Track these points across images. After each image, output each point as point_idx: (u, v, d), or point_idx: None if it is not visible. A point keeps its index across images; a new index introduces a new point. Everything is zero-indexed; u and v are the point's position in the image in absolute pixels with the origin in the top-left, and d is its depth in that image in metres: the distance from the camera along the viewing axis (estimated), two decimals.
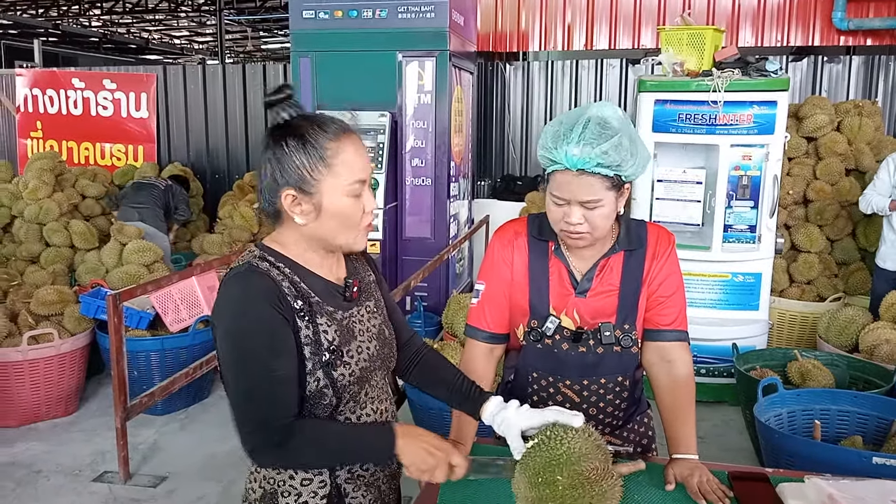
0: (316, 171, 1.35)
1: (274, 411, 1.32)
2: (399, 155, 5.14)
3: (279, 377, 1.32)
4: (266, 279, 1.35)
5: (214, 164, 7.22)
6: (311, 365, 1.36)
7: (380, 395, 1.51)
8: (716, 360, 4.25)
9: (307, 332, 1.36)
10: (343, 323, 1.42)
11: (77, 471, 3.61)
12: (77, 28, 16.72)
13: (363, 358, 1.44)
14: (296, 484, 1.41)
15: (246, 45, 21.18)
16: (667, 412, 1.71)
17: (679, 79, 4.16)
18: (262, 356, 1.31)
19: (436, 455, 1.37)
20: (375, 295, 1.56)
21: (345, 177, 1.36)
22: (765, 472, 1.70)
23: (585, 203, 1.56)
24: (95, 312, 4.16)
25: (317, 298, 1.40)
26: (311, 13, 5.10)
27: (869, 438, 2.85)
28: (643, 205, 4.34)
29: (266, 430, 1.32)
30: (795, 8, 6.05)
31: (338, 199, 1.37)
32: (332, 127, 1.37)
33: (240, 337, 1.32)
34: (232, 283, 1.36)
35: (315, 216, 1.37)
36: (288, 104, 1.37)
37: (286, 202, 1.36)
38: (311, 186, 1.35)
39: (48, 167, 5.80)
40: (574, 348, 1.70)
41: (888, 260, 4.28)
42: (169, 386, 3.77)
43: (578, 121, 1.53)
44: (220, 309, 1.36)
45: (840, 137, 5.24)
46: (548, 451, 1.37)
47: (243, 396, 1.33)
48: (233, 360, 1.34)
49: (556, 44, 6.49)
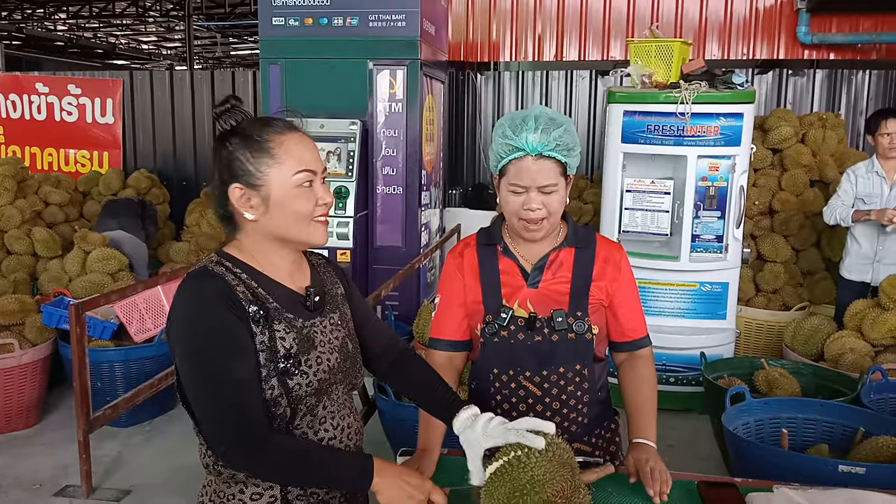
0: (260, 162, 1.35)
1: (242, 412, 1.30)
2: (370, 163, 5.12)
3: (240, 378, 1.30)
4: (218, 281, 1.34)
5: (182, 170, 7.13)
6: (266, 372, 1.34)
7: (340, 411, 1.48)
8: (684, 368, 4.29)
9: (262, 338, 1.35)
10: (303, 331, 1.40)
11: (37, 485, 3.52)
12: (42, 32, 16.44)
13: (322, 369, 1.41)
14: (245, 499, 1.38)
15: (215, 52, 20.99)
16: (631, 403, 1.81)
17: (647, 90, 4.20)
18: (220, 357, 1.30)
19: (415, 497, 1.35)
20: (342, 308, 1.54)
21: (290, 166, 1.36)
22: (734, 482, 1.71)
23: (543, 188, 1.69)
24: (58, 322, 4.07)
25: (275, 304, 1.38)
26: (281, 20, 5.06)
27: (835, 446, 2.89)
28: (612, 214, 4.37)
29: (237, 431, 1.29)
30: (761, 22, 6.17)
31: (286, 189, 1.36)
32: (276, 123, 1.39)
33: (195, 339, 1.31)
34: (185, 287, 1.36)
35: (264, 209, 1.37)
36: (234, 113, 1.38)
37: (234, 197, 1.36)
38: (256, 179, 1.35)
39: (10, 173, 5.67)
40: (529, 337, 1.76)
41: (852, 271, 4.36)
42: (133, 397, 3.69)
43: (529, 115, 1.70)
44: (173, 313, 1.35)
45: (804, 149, 5.33)
46: (511, 481, 1.35)
47: (209, 400, 1.31)
48: (191, 363, 1.32)
49: (527, 54, 6.53)
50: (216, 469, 1.40)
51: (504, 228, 1.86)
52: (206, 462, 1.42)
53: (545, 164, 1.68)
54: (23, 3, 15.21)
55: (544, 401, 1.78)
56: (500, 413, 1.80)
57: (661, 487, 1.58)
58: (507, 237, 1.85)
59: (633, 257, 1.96)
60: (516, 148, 1.69)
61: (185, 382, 1.35)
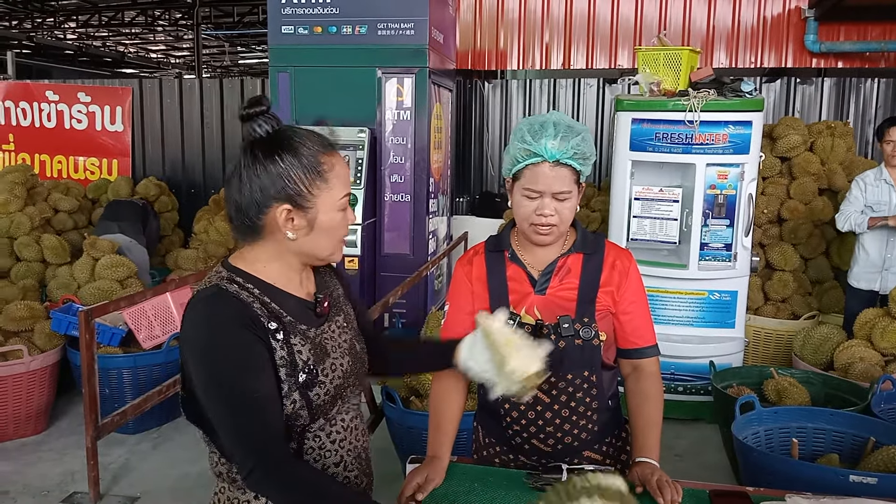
0: (314, 185, 1.33)
1: (263, 434, 1.28)
2: (378, 171, 5.13)
3: (261, 397, 1.29)
4: (235, 302, 1.31)
5: (190, 178, 7.15)
6: (288, 387, 1.33)
7: (350, 412, 1.49)
8: (693, 377, 4.27)
9: (282, 353, 1.33)
10: (315, 341, 1.39)
11: (45, 491, 3.52)
12: (52, 41, 16.56)
13: (337, 375, 1.41)
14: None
15: (223, 60, 21.10)
16: (637, 419, 1.79)
17: (656, 98, 4.20)
18: (240, 379, 1.28)
19: None
20: (345, 309, 1.54)
21: (338, 190, 1.36)
22: (746, 491, 1.70)
23: (557, 195, 1.70)
24: (67, 329, 4.07)
25: (289, 318, 1.37)
26: (290, 28, 5.09)
27: (845, 456, 2.87)
28: (620, 222, 4.36)
29: (259, 457, 1.28)
30: (769, 30, 6.16)
31: (331, 213, 1.36)
32: (321, 141, 1.36)
33: (216, 362, 1.28)
34: (200, 308, 1.32)
35: (307, 231, 1.35)
36: (266, 117, 1.33)
37: (280, 217, 1.33)
38: (306, 201, 1.33)
39: (20, 180, 5.70)
40: None
41: (861, 280, 4.34)
42: (141, 404, 3.69)
43: (549, 121, 1.70)
44: (189, 335, 1.32)
45: (813, 158, 5.32)
46: None
47: (233, 422, 1.29)
48: (213, 386, 1.29)
49: (534, 63, 6.54)
50: (230, 476, 1.39)
51: (513, 235, 1.85)
52: (220, 470, 1.41)
53: (561, 172, 1.69)
54: (33, 13, 15.34)
55: (553, 408, 1.77)
56: (508, 421, 1.80)
57: (671, 496, 1.57)
58: (516, 243, 1.84)
59: (641, 265, 1.94)
60: (534, 153, 1.69)
61: (205, 404, 1.32)
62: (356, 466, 1.50)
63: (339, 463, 1.45)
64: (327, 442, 1.42)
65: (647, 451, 1.72)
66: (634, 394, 1.81)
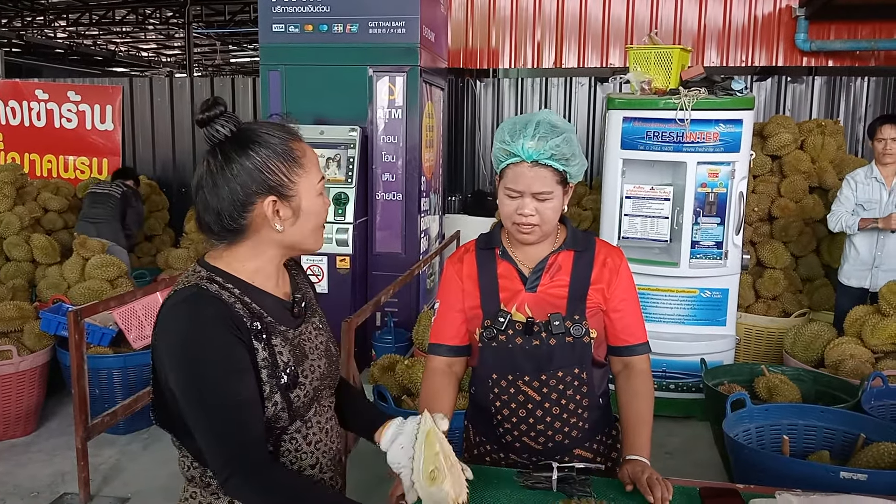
0: (293, 172, 1.33)
1: (244, 438, 1.27)
2: (369, 170, 5.11)
3: (243, 400, 1.27)
4: (217, 303, 1.28)
5: (181, 177, 7.12)
6: (269, 388, 1.31)
7: (325, 414, 1.48)
8: (684, 375, 4.28)
9: (264, 355, 1.31)
10: (294, 342, 1.38)
11: (35, 493, 3.50)
12: (41, 39, 16.46)
13: (315, 377, 1.40)
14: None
15: (215, 59, 21.03)
16: (628, 416, 1.79)
17: (647, 97, 4.21)
18: (223, 382, 1.26)
19: None
20: (319, 311, 1.53)
21: (314, 173, 1.36)
22: (736, 488, 1.70)
23: (538, 195, 1.69)
24: (56, 329, 4.05)
25: (270, 318, 1.35)
26: (281, 27, 5.07)
27: (836, 453, 2.88)
28: (611, 221, 4.37)
29: (240, 462, 1.26)
30: (759, 29, 6.18)
31: (313, 199, 1.36)
32: (286, 130, 1.36)
33: (196, 364, 1.26)
34: (181, 308, 1.29)
35: (293, 220, 1.35)
36: (226, 118, 1.32)
37: (268, 210, 1.32)
38: (289, 189, 1.33)
39: (9, 180, 5.67)
40: (528, 342, 1.75)
41: (851, 277, 4.36)
42: (132, 404, 3.68)
43: (531, 120, 1.69)
44: (168, 336, 1.28)
45: (804, 156, 5.34)
46: None
47: (212, 426, 1.27)
48: (192, 390, 1.26)
49: (526, 61, 6.54)
50: (203, 481, 1.38)
51: (504, 232, 1.85)
52: (192, 475, 1.40)
53: (541, 172, 1.68)
54: (23, 11, 15.25)
55: (543, 406, 1.77)
56: (499, 419, 1.80)
57: (661, 493, 1.57)
58: (507, 241, 1.84)
59: (632, 264, 1.95)
60: (512, 154, 1.69)
61: (183, 407, 1.29)
62: (330, 468, 1.49)
63: (314, 465, 1.43)
64: (304, 444, 1.41)
65: (638, 449, 1.72)
66: (625, 391, 1.81)
